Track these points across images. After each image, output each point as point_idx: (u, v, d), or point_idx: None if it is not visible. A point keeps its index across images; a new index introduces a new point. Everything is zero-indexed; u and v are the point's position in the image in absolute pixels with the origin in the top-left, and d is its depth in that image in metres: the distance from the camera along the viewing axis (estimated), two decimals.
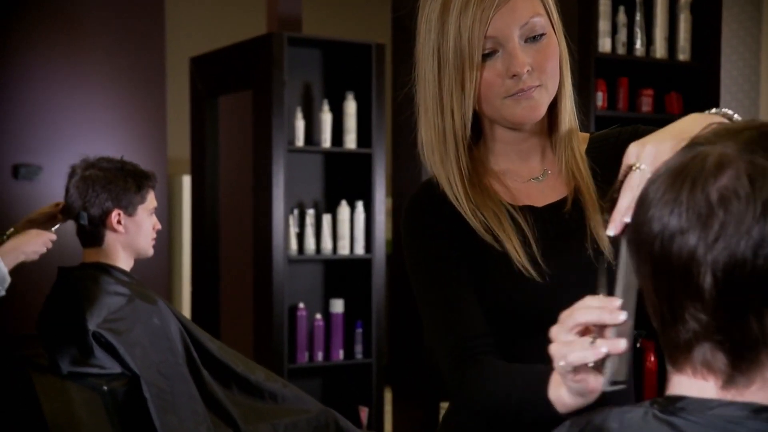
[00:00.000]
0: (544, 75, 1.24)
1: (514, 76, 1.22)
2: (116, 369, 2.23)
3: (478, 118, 1.30)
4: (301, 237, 4.05)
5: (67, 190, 2.41)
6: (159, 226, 2.50)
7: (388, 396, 4.94)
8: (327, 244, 4.06)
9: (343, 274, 4.18)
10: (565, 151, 1.32)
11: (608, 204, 0.95)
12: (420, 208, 1.31)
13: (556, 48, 1.26)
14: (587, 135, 1.38)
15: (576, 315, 0.93)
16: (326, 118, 4.05)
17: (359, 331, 4.10)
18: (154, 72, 5.53)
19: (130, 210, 2.40)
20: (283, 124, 3.89)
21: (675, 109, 3.85)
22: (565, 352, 0.93)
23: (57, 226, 2.43)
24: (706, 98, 3.77)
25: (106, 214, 2.38)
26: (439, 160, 1.28)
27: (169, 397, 2.19)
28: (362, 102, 4.09)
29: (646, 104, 3.85)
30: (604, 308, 0.91)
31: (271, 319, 3.89)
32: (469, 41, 1.20)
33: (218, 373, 2.38)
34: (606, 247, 1.24)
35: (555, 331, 0.95)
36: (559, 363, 0.95)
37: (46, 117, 5.20)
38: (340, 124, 4.09)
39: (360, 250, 4.10)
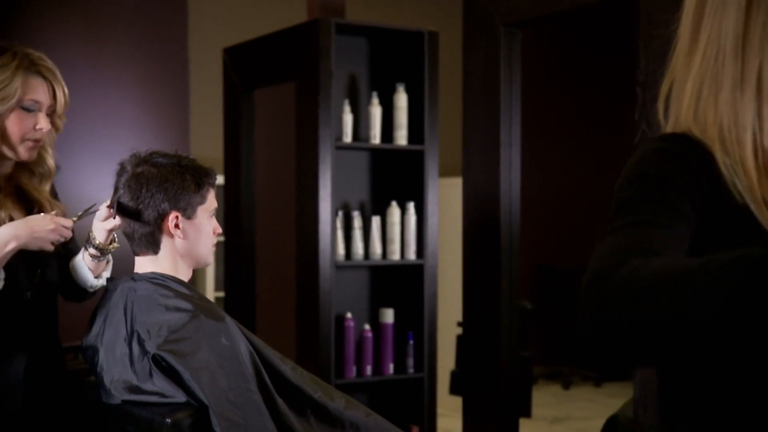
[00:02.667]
0: None
1: None
2: (179, 397, 1.90)
3: None
4: (348, 241, 3.74)
5: (116, 190, 2.09)
6: (220, 230, 2.18)
7: (449, 409, 4.63)
8: (376, 248, 3.74)
9: (393, 282, 3.86)
10: None
11: None
12: (679, 154, 1.01)
13: None
14: None
15: None
16: (375, 111, 3.73)
17: (411, 343, 3.79)
18: (177, 65, 5.22)
19: (189, 212, 2.08)
20: (330, 119, 3.57)
21: None
22: None
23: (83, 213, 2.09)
24: None
25: (162, 217, 2.05)
26: (729, 122, 1.01)
27: (242, 431, 1.87)
28: (414, 95, 3.78)
29: None
30: None
31: (317, 330, 3.58)
32: None
33: (293, 400, 2.05)
34: None
35: None
36: None
37: None
38: (389, 119, 3.77)
39: (411, 255, 3.79)
